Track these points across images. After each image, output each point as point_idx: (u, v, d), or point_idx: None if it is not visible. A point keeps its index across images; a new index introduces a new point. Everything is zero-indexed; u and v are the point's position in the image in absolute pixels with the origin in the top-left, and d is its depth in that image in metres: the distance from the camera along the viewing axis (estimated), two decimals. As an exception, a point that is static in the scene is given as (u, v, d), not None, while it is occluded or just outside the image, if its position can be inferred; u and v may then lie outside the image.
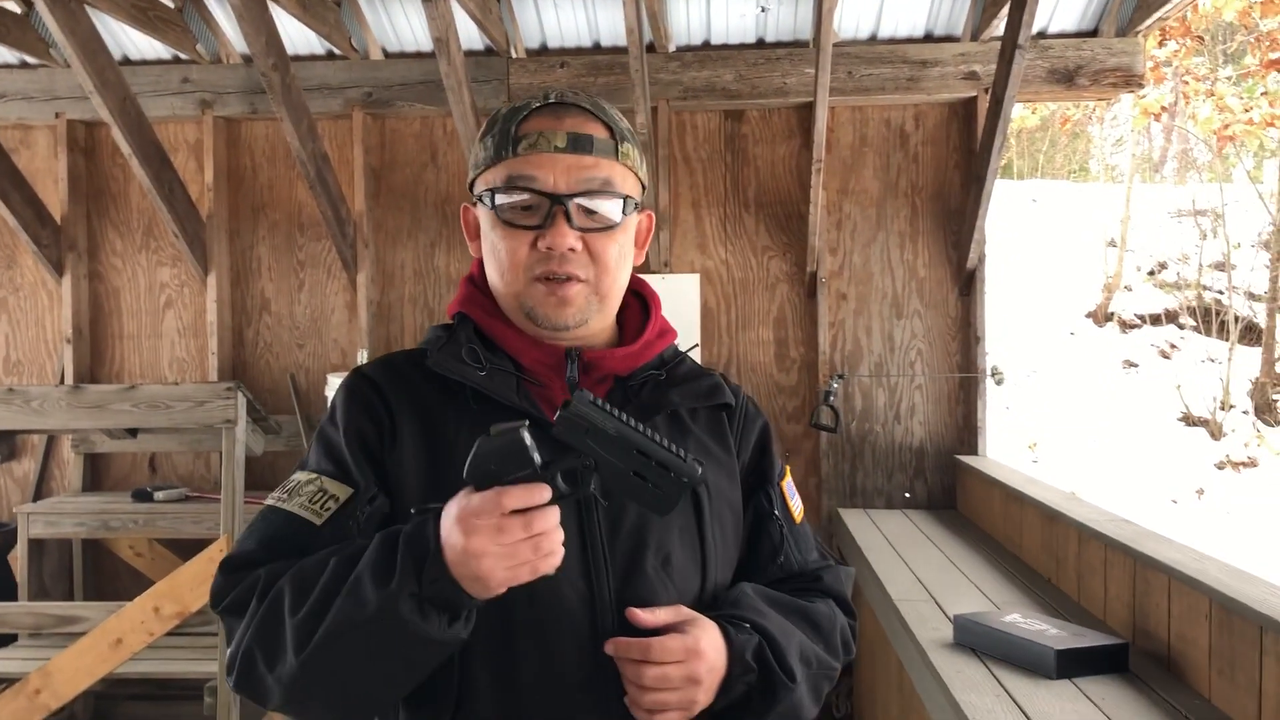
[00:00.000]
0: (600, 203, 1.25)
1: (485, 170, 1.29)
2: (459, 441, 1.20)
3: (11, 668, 4.00)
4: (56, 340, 4.92)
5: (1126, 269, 11.50)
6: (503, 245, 1.26)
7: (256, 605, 1.14)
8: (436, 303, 4.78)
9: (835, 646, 1.32)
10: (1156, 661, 2.38)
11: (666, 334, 1.38)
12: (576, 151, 1.24)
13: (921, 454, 4.59)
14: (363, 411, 1.27)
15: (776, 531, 1.37)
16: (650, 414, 1.28)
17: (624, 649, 1.14)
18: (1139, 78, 4.42)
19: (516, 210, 1.25)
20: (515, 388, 1.26)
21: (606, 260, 1.27)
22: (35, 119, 4.82)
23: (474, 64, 4.54)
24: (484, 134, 1.30)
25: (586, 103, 1.29)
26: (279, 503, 1.24)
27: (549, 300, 1.25)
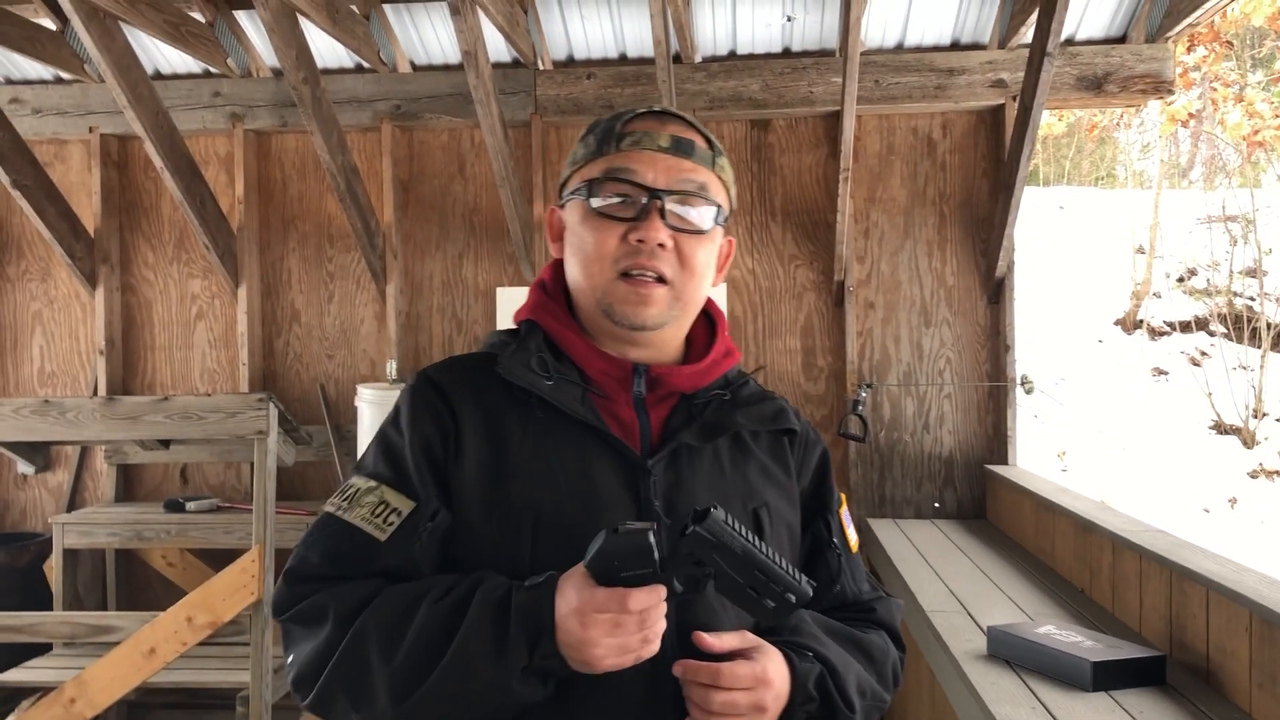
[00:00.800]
0: (694, 207, 1.27)
1: (583, 165, 1.31)
2: (523, 450, 1.24)
3: (47, 677, 4.04)
4: (90, 352, 4.97)
5: (1155, 276, 11.39)
6: (592, 237, 1.27)
7: (335, 633, 1.16)
8: (464, 313, 4.80)
9: (887, 679, 1.33)
10: (1195, 674, 2.35)
11: (732, 354, 1.38)
12: (678, 154, 1.27)
13: (951, 463, 4.56)
14: (428, 416, 1.27)
15: (834, 560, 1.38)
16: (715, 434, 1.29)
17: (693, 672, 1.14)
18: (1168, 84, 4.39)
19: (612, 204, 1.26)
20: (580, 398, 1.27)
21: (694, 264, 1.27)
22: (70, 133, 4.88)
23: (501, 76, 4.57)
24: (585, 135, 1.34)
25: (689, 117, 1.32)
26: (339, 512, 1.24)
27: (630, 297, 1.25)
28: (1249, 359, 10.29)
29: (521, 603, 1.11)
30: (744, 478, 1.31)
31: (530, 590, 1.12)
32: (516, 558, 1.19)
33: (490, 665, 1.09)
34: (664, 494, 1.24)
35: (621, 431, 1.27)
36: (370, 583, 1.19)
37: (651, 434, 1.29)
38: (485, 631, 1.10)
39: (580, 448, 1.24)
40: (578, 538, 1.16)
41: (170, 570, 4.74)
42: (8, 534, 4.93)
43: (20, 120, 4.71)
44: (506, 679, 1.09)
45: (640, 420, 1.29)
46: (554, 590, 1.11)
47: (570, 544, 1.17)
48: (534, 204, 4.66)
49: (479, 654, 1.10)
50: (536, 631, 1.09)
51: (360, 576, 1.20)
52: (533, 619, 1.10)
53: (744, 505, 1.29)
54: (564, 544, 1.18)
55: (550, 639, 1.09)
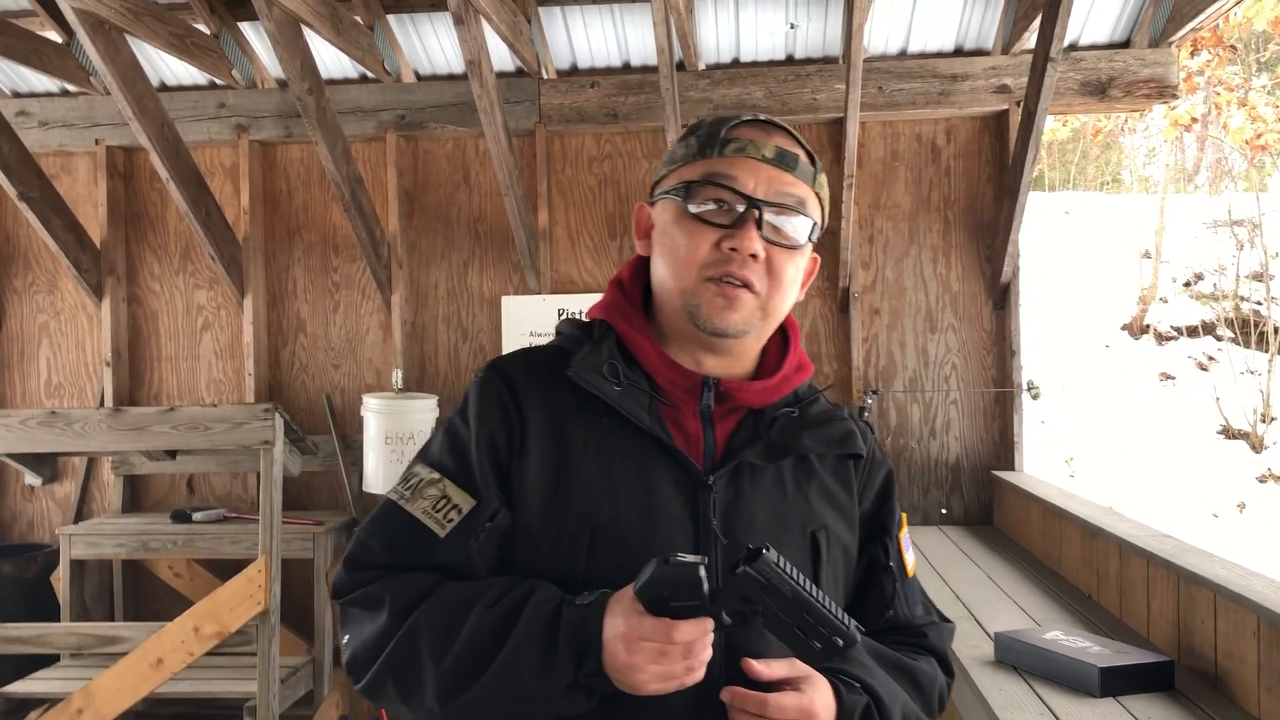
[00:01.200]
0: (790, 220, 1.25)
1: (682, 166, 1.28)
2: (585, 456, 1.24)
3: (54, 687, 4.04)
4: (96, 363, 4.99)
5: (1162, 280, 11.37)
6: (684, 241, 1.25)
7: (390, 624, 1.19)
8: (470, 322, 4.80)
9: (932, 706, 1.33)
10: (1203, 679, 2.34)
11: (804, 369, 1.36)
12: (781, 166, 1.25)
13: (957, 469, 4.56)
14: (496, 411, 1.27)
15: (889, 585, 1.36)
16: (780, 455, 1.28)
17: (741, 700, 1.14)
18: (1172, 88, 4.38)
19: (708, 209, 1.24)
20: (647, 407, 1.25)
21: (782, 278, 1.26)
22: (76, 146, 4.90)
23: (505, 85, 4.58)
24: (685, 136, 1.31)
25: (793, 130, 1.30)
26: (402, 501, 1.26)
27: (717, 301, 1.23)
28: (1256, 363, 10.26)
29: (571, 621, 1.12)
30: (805, 499, 1.30)
31: (580, 608, 1.13)
32: (572, 565, 1.20)
33: (536, 678, 1.11)
34: (722, 512, 1.23)
35: (686, 443, 1.26)
36: (427, 576, 1.21)
37: (715, 448, 1.27)
38: (534, 644, 1.12)
39: (643, 459, 1.24)
40: (634, 550, 1.17)
41: (177, 581, 4.75)
42: (15, 545, 4.94)
43: (27, 133, 4.74)
44: (551, 692, 1.12)
45: (706, 433, 1.28)
46: (603, 611, 1.12)
47: (626, 556, 1.17)
48: (538, 212, 4.67)
49: (526, 665, 1.12)
50: (583, 650, 1.11)
51: (418, 568, 1.22)
52: (581, 637, 1.11)
53: (803, 528, 1.28)
54: (620, 555, 1.19)
55: (596, 658, 1.10)
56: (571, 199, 4.76)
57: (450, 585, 1.21)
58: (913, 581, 1.42)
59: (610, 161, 4.75)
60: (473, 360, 4.79)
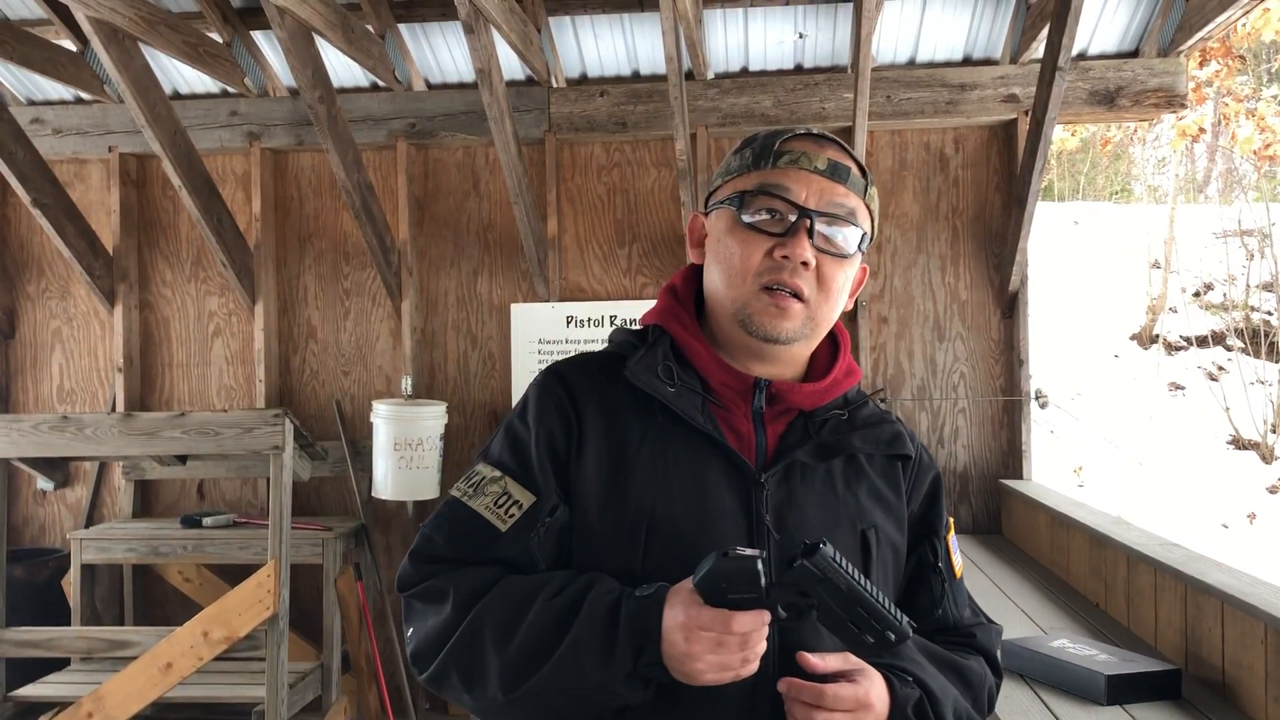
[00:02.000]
0: (841, 230, 1.29)
1: (736, 177, 1.32)
2: (642, 454, 1.28)
3: (64, 691, 4.06)
4: (108, 369, 5.02)
5: (1171, 290, 11.35)
6: (738, 249, 1.28)
7: (453, 616, 1.23)
8: (479, 329, 4.82)
9: (982, 705, 1.35)
10: (1210, 688, 2.34)
11: (853, 374, 1.40)
12: (834, 178, 1.29)
13: (965, 478, 4.56)
14: (554, 412, 1.31)
15: (938, 585, 1.39)
16: (830, 454, 1.31)
17: (797, 691, 1.17)
18: (1181, 98, 4.39)
19: (761, 218, 1.28)
20: (700, 408, 1.29)
21: (832, 287, 1.29)
22: (89, 153, 4.94)
23: (515, 94, 4.60)
24: (740, 149, 1.35)
25: (843, 144, 1.34)
26: (464, 498, 1.30)
27: (770, 309, 1.26)
28: (1267, 374, 10.23)
29: (631, 611, 1.15)
30: (855, 499, 1.33)
31: (640, 600, 1.16)
32: (628, 559, 1.24)
33: (597, 667, 1.14)
34: (775, 509, 1.27)
35: (738, 444, 1.30)
36: (490, 570, 1.25)
37: (767, 448, 1.31)
38: (595, 635, 1.15)
39: (697, 457, 1.28)
40: (689, 546, 1.21)
41: (187, 586, 4.77)
42: (27, 549, 4.97)
43: (41, 140, 4.78)
44: (611, 681, 1.14)
45: (757, 434, 1.31)
46: (663, 603, 1.15)
47: (681, 551, 1.21)
48: (548, 220, 4.69)
49: (587, 655, 1.15)
50: (643, 640, 1.14)
51: (480, 562, 1.26)
52: (640, 628, 1.14)
53: (853, 527, 1.31)
54: (675, 550, 1.22)
55: (655, 649, 1.13)
56: (580, 207, 4.78)
57: (512, 578, 1.24)
58: (960, 583, 1.45)
59: (619, 170, 4.77)
60: (481, 368, 4.81)
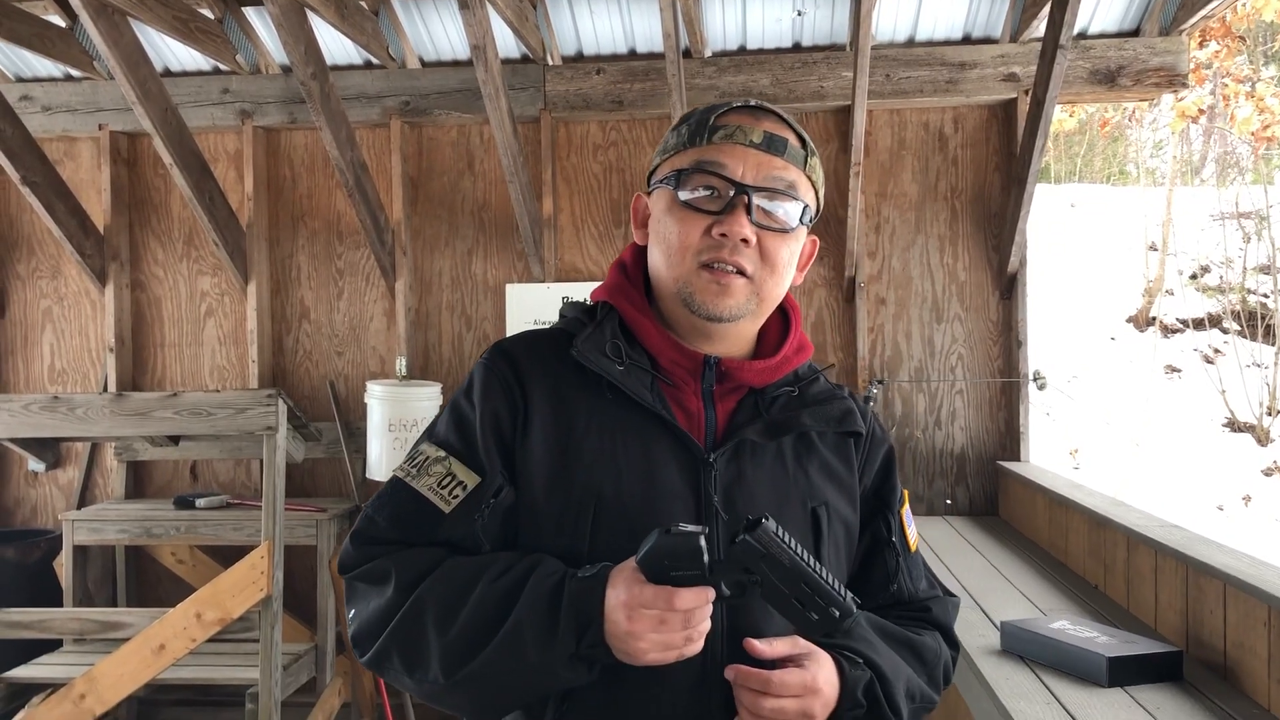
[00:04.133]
0: (781, 204, 1.27)
1: (673, 155, 1.31)
2: (589, 433, 1.26)
3: (57, 673, 4.04)
4: (100, 349, 4.98)
5: (1168, 273, 11.33)
6: (676, 228, 1.27)
7: (395, 598, 1.21)
8: (474, 310, 4.79)
9: (937, 680, 1.34)
10: (1212, 670, 2.33)
11: (804, 350, 1.39)
12: (770, 151, 1.26)
13: (963, 460, 4.54)
14: (500, 391, 1.29)
15: (892, 559, 1.38)
16: (780, 432, 1.30)
17: (744, 678, 1.16)
18: (1182, 77, 4.35)
19: (699, 196, 1.26)
20: (649, 386, 1.28)
21: (775, 261, 1.28)
22: (79, 131, 4.88)
23: (510, 71, 4.55)
24: (678, 125, 1.33)
25: (783, 114, 1.32)
26: (408, 478, 1.28)
27: (711, 287, 1.25)
28: (1263, 356, 10.23)
29: (574, 591, 1.14)
30: (806, 475, 1.32)
31: (583, 580, 1.15)
32: (575, 540, 1.22)
33: (539, 649, 1.13)
34: (724, 489, 1.26)
35: (687, 422, 1.28)
36: (433, 551, 1.24)
37: (717, 426, 1.30)
38: (537, 616, 1.14)
39: (645, 436, 1.26)
40: (636, 525, 1.19)
41: (180, 567, 4.74)
42: (18, 531, 4.94)
43: (30, 118, 4.72)
44: (553, 663, 1.13)
45: (707, 412, 1.30)
46: (605, 582, 1.14)
47: (629, 531, 1.20)
48: (543, 200, 4.64)
49: (530, 637, 1.13)
50: (586, 621, 1.13)
51: (423, 543, 1.25)
52: (583, 608, 1.13)
53: (804, 504, 1.30)
54: (623, 530, 1.21)
55: (598, 629, 1.12)
56: (576, 186, 4.74)
57: (455, 560, 1.23)
58: (915, 556, 1.43)
59: (615, 149, 4.72)
60: (476, 348, 4.78)
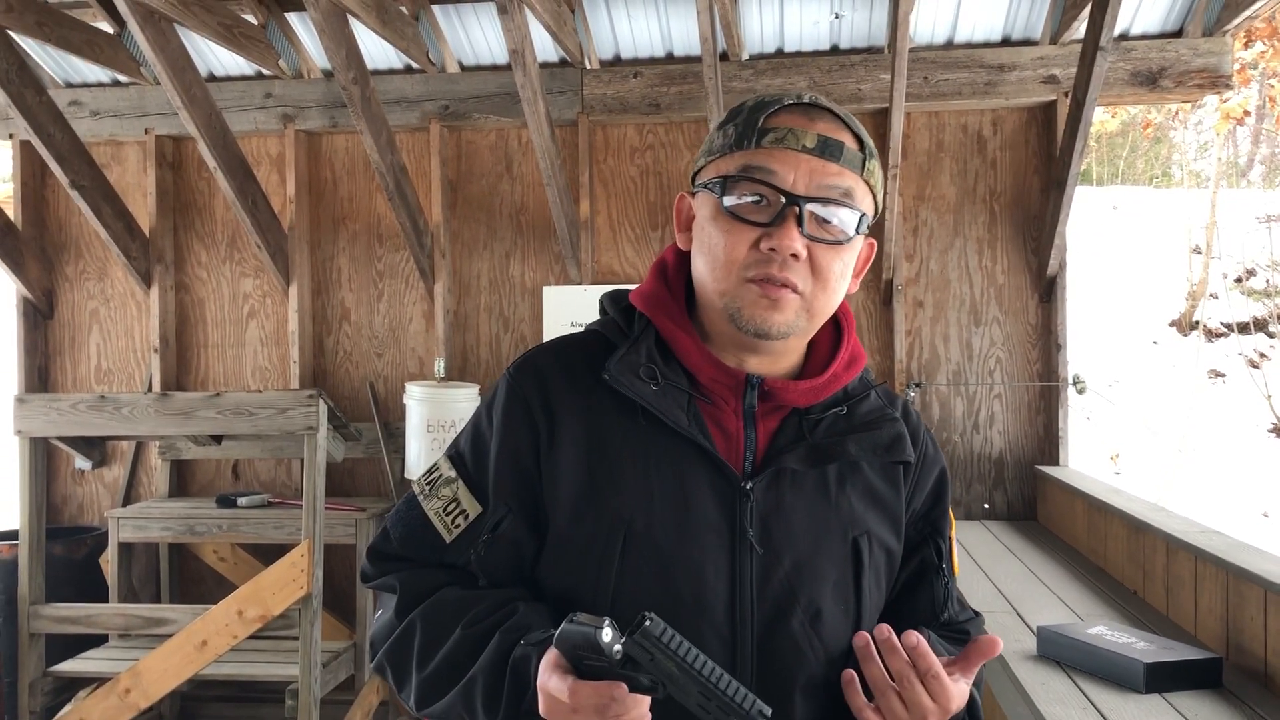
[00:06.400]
0: (836, 213, 1.16)
1: (719, 158, 1.20)
2: (622, 458, 1.19)
3: (103, 667, 4.11)
4: (144, 349, 5.06)
5: (1212, 276, 11.17)
6: (722, 239, 1.16)
7: (395, 619, 1.22)
8: (511, 312, 4.82)
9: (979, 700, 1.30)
10: (1252, 677, 2.30)
11: (855, 363, 1.29)
12: (824, 156, 1.15)
13: (1001, 464, 4.51)
14: (521, 416, 1.23)
15: (940, 587, 1.31)
16: (823, 460, 1.22)
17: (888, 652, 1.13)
18: (1226, 78, 4.30)
19: (745, 204, 1.15)
20: (685, 406, 1.20)
21: (828, 276, 1.17)
22: (126, 135, 4.97)
23: (548, 75, 4.58)
24: (724, 123, 1.21)
25: (840, 111, 1.20)
26: (421, 497, 1.27)
27: (760, 302, 1.15)
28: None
29: (517, 656, 1.10)
30: (848, 502, 1.24)
31: (524, 648, 1.10)
32: (602, 569, 1.16)
33: (486, 710, 1.12)
34: (760, 520, 1.18)
35: (725, 445, 1.21)
36: (435, 575, 1.23)
37: (757, 449, 1.22)
38: (489, 677, 1.12)
39: (679, 462, 1.19)
40: (667, 559, 1.15)
41: (222, 565, 4.81)
42: (65, 527, 5.03)
43: (79, 122, 4.81)
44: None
45: (747, 433, 1.22)
46: (540, 658, 1.06)
47: (658, 565, 1.15)
48: (580, 203, 4.67)
49: (479, 695, 1.12)
50: (521, 691, 1.09)
51: (430, 562, 1.25)
52: (521, 677, 1.09)
53: (844, 534, 1.22)
54: (652, 564, 1.16)
55: (533, 700, 1.05)
56: (613, 189, 4.76)
57: (449, 593, 1.21)
58: (955, 580, 1.38)
59: (652, 152, 4.74)
60: (514, 350, 4.81)
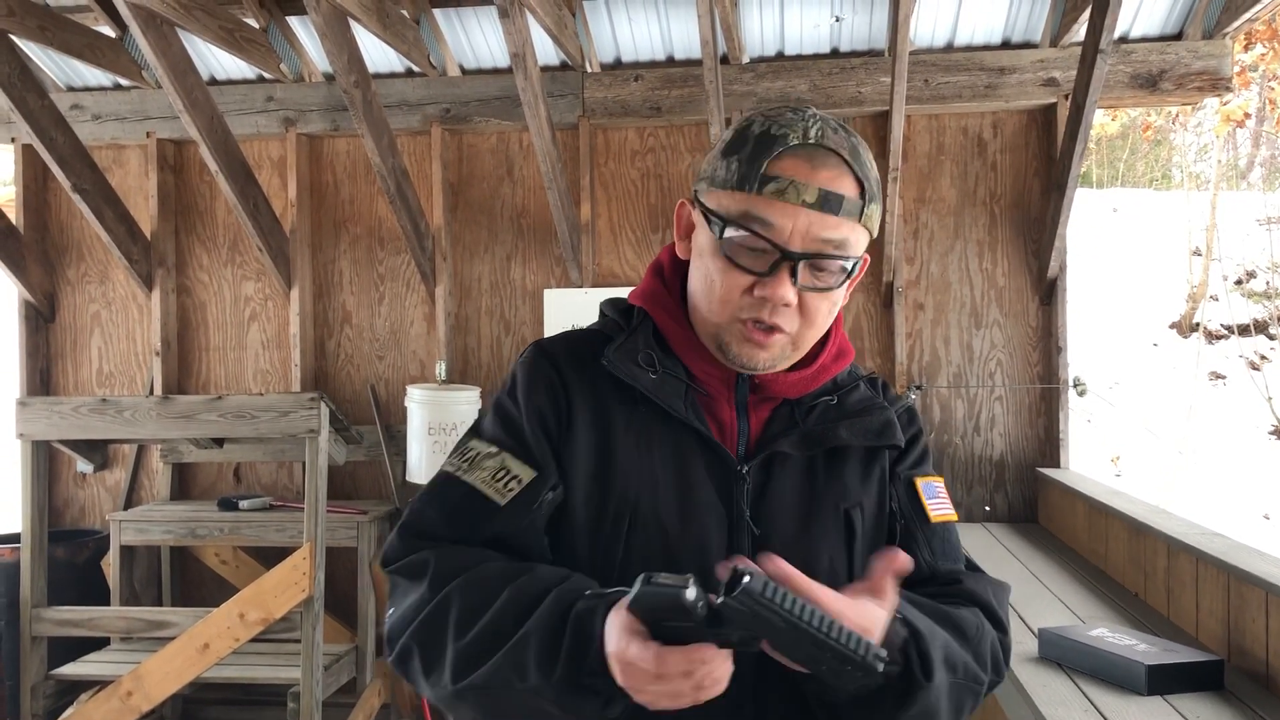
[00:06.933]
0: (830, 264, 1.20)
1: (721, 192, 1.21)
2: (626, 441, 1.24)
3: (105, 670, 4.11)
4: (146, 353, 5.07)
5: (1213, 278, 11.18)
6: (719, 280, 1.21)
7: (427, 594, 1.16)
8: (512, 315, 4.83)
9: (984, 657, 1.24)
10: (1254, 680, 2.30)
11: (843, 356, 1.34)
12: (824, 210, 1.17)
13: (1002, 466, 4.51)
14: (544, 390, 1.27)
15: (898, 527, 1.31)
16: (816, 445, 1.27)
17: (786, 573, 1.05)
18: (1226, 81, 4.31)
19: (743, 249, 1.19)
20: (683, 395, 1.25)
21: (815, 318, 1.23)
22: (127, 139, 4.98)
23: (549, 79, 4.59)
24: (729, 149, 1.22)
25: (846, 151, 1.20)
26: (459, 472, 1.24)
27: (746, 343, 1.22)
28: (1310, 363, 10.07)
29: (579, 609, 1.06)
30: (839, 480, 1.28)
31: (589, 599, 1.07)
32: (609, 549, 1.20)
33: (538, 671, 1.05)
34: (755, 500, 1.24)
35: (720, 433, 1.27)
36: (476, 550, 1.19)
37: (750, 437, 1.28)
38: (543, 635, 1.06)
39: (679, 448, 1.24)
40: (670, 538, 1.19)
41: (223, 568, 4.82)
42: (67, 530, 5.04)
43: (80, 126, 4.82)
44: (550, 689, 1.05)
45: (740, 423, 1.28)
46: (607, 611, 1.04)
47: (662, 544, 1.19)
48: (581, 206, 4.68)
49: (531, 655, 1.06)
50: (584, 646, 1.04)
51: (473, 539, 1.21)
52: (584, 633, 1.05)
53: (835, 508, 1.27)
54: (656, 543, 1.20)
55: (599, 659, 1.03)
56: (614, 192, 4.76)
57: (492, 562, 1.17)
58: (943, 530, 1.35)
59: (653, 155, 4.75)
60: (515, 353, 4.81)
